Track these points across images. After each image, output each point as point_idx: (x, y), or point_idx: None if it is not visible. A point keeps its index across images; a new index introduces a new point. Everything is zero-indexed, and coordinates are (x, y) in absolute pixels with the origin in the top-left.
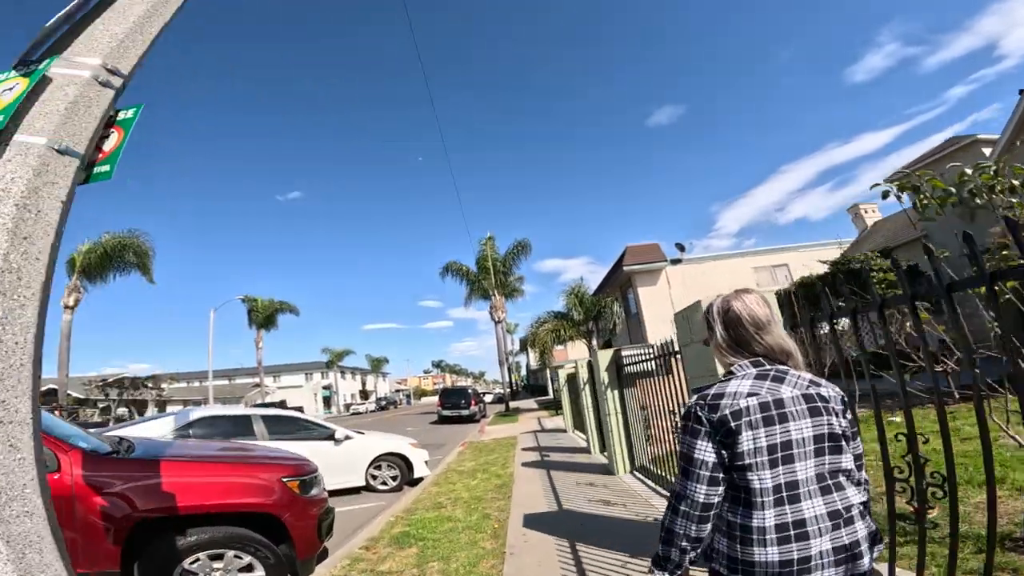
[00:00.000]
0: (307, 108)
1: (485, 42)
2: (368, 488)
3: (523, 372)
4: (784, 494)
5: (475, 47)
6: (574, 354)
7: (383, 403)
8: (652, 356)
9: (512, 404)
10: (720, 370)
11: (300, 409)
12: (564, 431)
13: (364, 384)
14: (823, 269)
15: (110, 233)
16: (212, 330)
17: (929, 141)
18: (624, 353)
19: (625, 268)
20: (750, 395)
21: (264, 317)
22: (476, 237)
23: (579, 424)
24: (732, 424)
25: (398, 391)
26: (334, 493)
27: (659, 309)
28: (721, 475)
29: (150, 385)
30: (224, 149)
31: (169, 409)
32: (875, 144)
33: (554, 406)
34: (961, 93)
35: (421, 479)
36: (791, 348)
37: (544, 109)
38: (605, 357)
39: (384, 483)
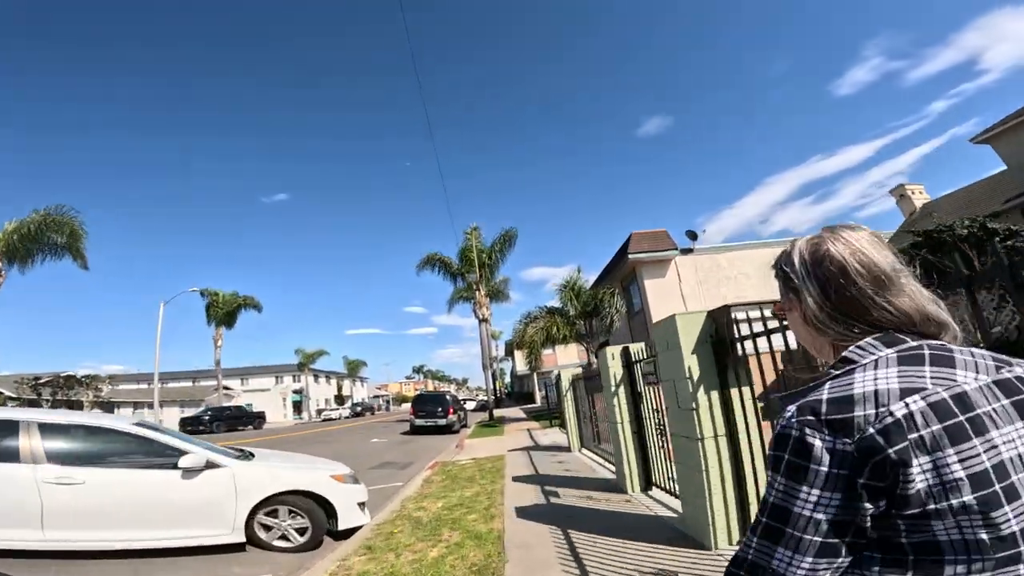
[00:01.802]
0: (296, 109)
1: (473, 53)
2: (256, 543)
3: (507, 379)
4: (1008, 552)
5: (464, 58)
6: (564, 358)
7: (359, 409)
8: None
9: (496, 412)
10: (822, 353)
11: (262, 415)
12: (567, 449)
13: (340, 389)
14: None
15: (38, 211)
16: (160, 326)
17: (910, 154)
18: (742, 315)
19: (630, 255)
20: (907, 392)
21: (225, 313)
22: (460, 227)
23: (588, 441)
24: (890, 451)
25: (377, 397)
26: (180, 552)
27: (668, 305)
28: (845, 540)
29: (87, 384)
30: (212, 150)
31: (117, 413)
32: (857, 157)
33: (546, 416)
34: (942, 107)
35: (354, 530)
36: (944, 316)
37: (533, 116)
38: (691, 324)
39: (285, 537)
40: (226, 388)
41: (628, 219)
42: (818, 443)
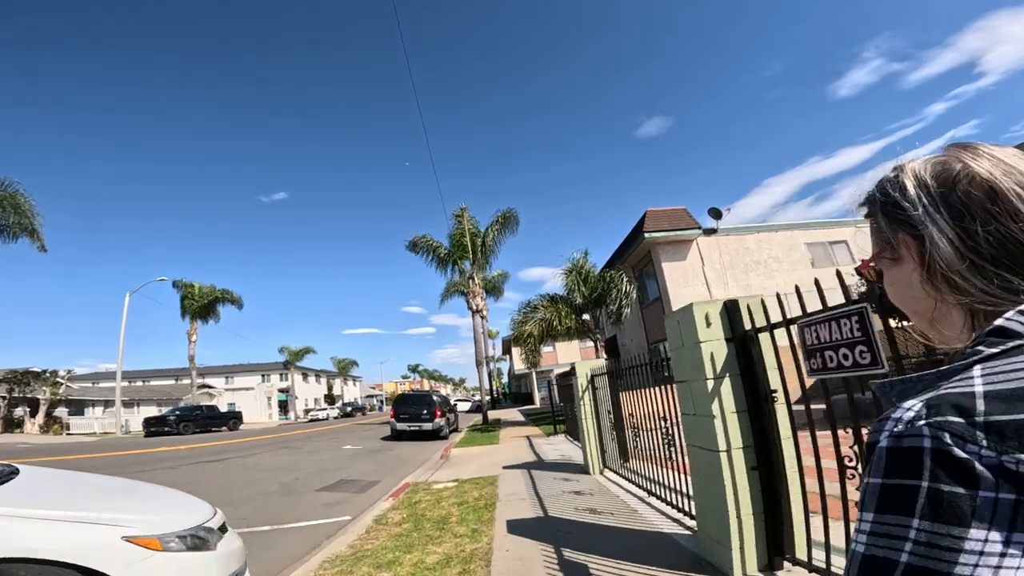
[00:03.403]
0: (295, 110)
1: (471, 58)
2: None
3: (505, 379)
4: None
5: (460, 64)
6: (564, 357)
7: (349, 409)
8: None
9: (492, 414)
10: (945, 327)
11: (238, 415)
12: (582, 469)
13: (330, 388)
14: None
15: None
16: (125, 318)
17: (906, 158)
18: None
19: (646, 235)
20: None
21: (201, 306)
22: (452, 212)
23: (613, 459)
24: None
25: (371, 396)
26: None
27: (690, 291)
28: None
29: (46, 379)
30: (211, 151)
31: (88, 412)
32: (855, 159)
33: (548, 419)
34: (941, 109)
35: None
36: None
37: (533, 116)
38: None
39: None
40: (208, 387)
41: (630, 220)
42: (974, 460)
